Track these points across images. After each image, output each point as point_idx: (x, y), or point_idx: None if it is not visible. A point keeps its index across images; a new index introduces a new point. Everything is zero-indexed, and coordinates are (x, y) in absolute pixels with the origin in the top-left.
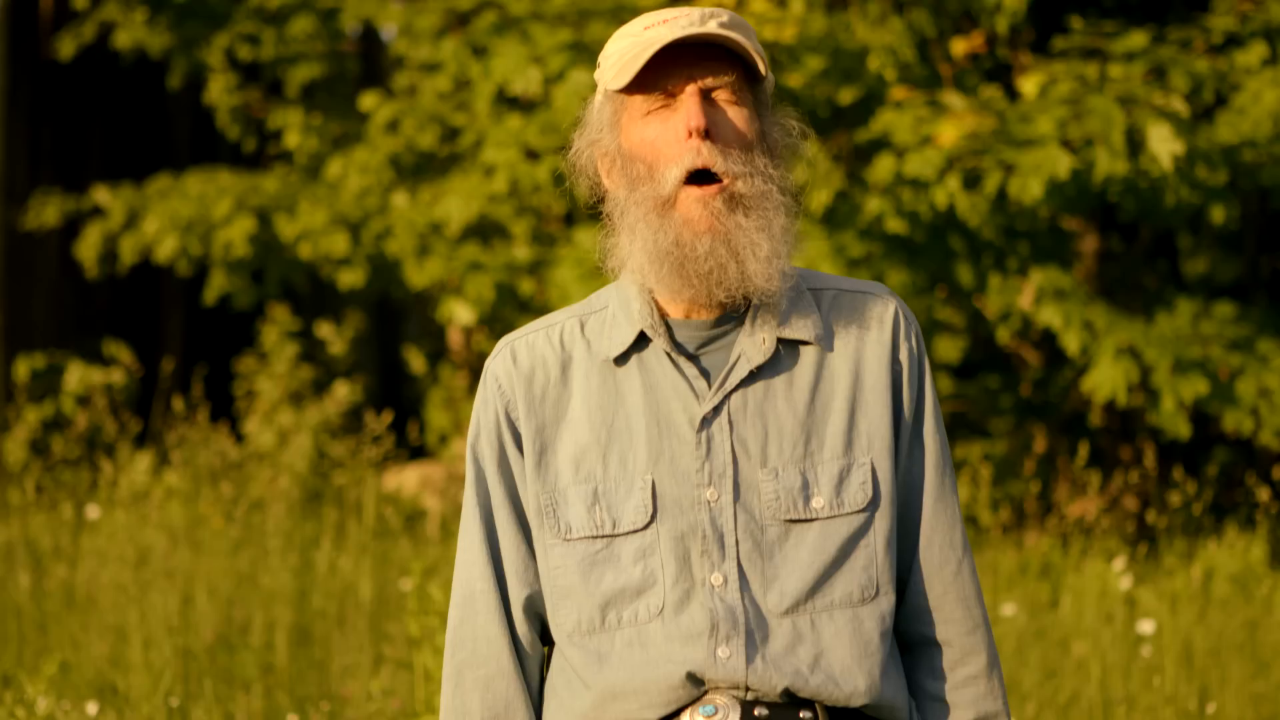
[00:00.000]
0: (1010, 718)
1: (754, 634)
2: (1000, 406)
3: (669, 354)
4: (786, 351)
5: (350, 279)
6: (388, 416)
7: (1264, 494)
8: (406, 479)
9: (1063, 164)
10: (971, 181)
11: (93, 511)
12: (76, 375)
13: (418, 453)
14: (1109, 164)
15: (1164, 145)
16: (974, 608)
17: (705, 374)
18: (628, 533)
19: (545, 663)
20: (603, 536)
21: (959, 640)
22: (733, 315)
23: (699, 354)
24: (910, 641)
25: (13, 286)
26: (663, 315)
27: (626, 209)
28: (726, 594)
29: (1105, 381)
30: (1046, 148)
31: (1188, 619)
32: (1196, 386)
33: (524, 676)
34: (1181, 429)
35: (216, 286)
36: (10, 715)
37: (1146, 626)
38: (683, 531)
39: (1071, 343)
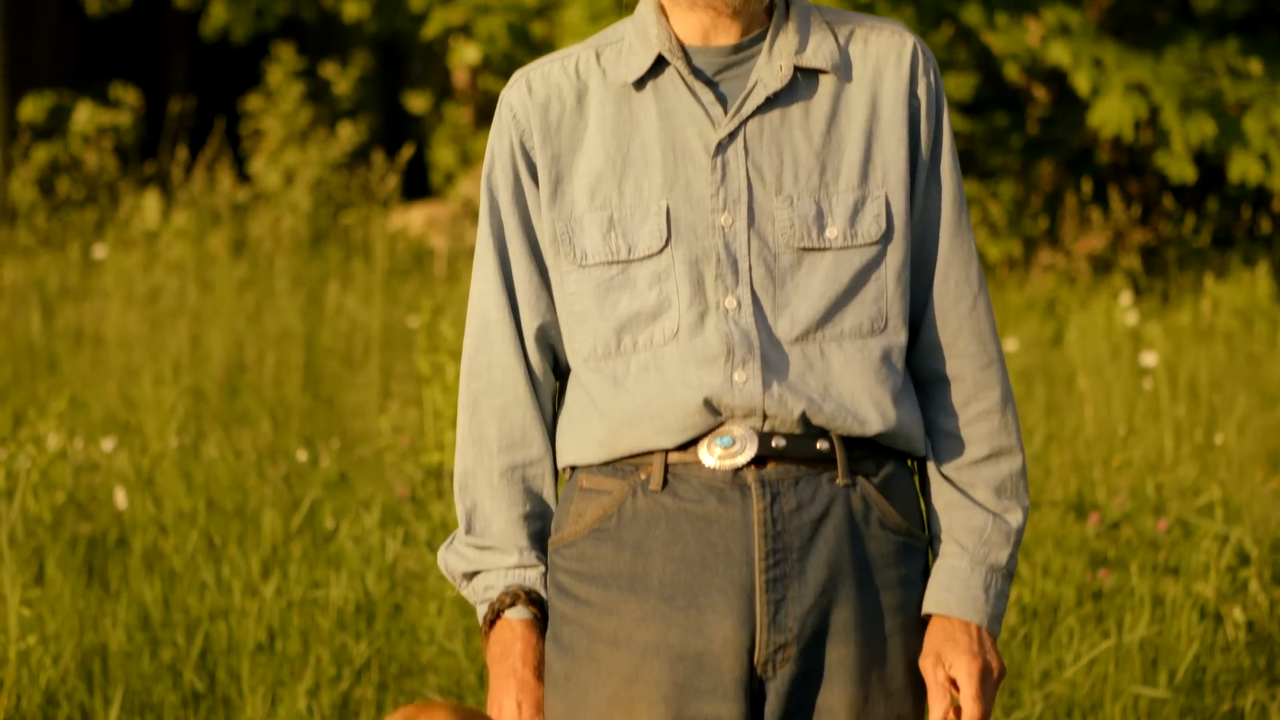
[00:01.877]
0: (1024, 453)
1: (769, 358)
2: (1008, 144)
3: (685, 79)
4: (804, 80)
5: (354, 10)
6: (400, 152)
7: (1266, 226)
8: (413, 219)
9: None
10: None
11: (100, 251)
12: (85, 115)
13: (423, 193)
14: None
15: None
16: (988, 343)
17: (722, 100)
18: (643, 258)
19: (558, 397)
20: (618, 262)
21: (972, 375)
22: (750, 43)
23: (716, 80)
24: (923, 379)
25: (13, 28)
26: (680, 42)
27: None
28: (740, 318)
29: (1112, 116)
30: None
31: (1192, 353)
32: (1204, 127)
33: (539, 405)
34: (1187, 173)
35: (215, 18)
36: (21, 451)
37: (1150, 360)
38: (697, 256)
39: (1081, 82)
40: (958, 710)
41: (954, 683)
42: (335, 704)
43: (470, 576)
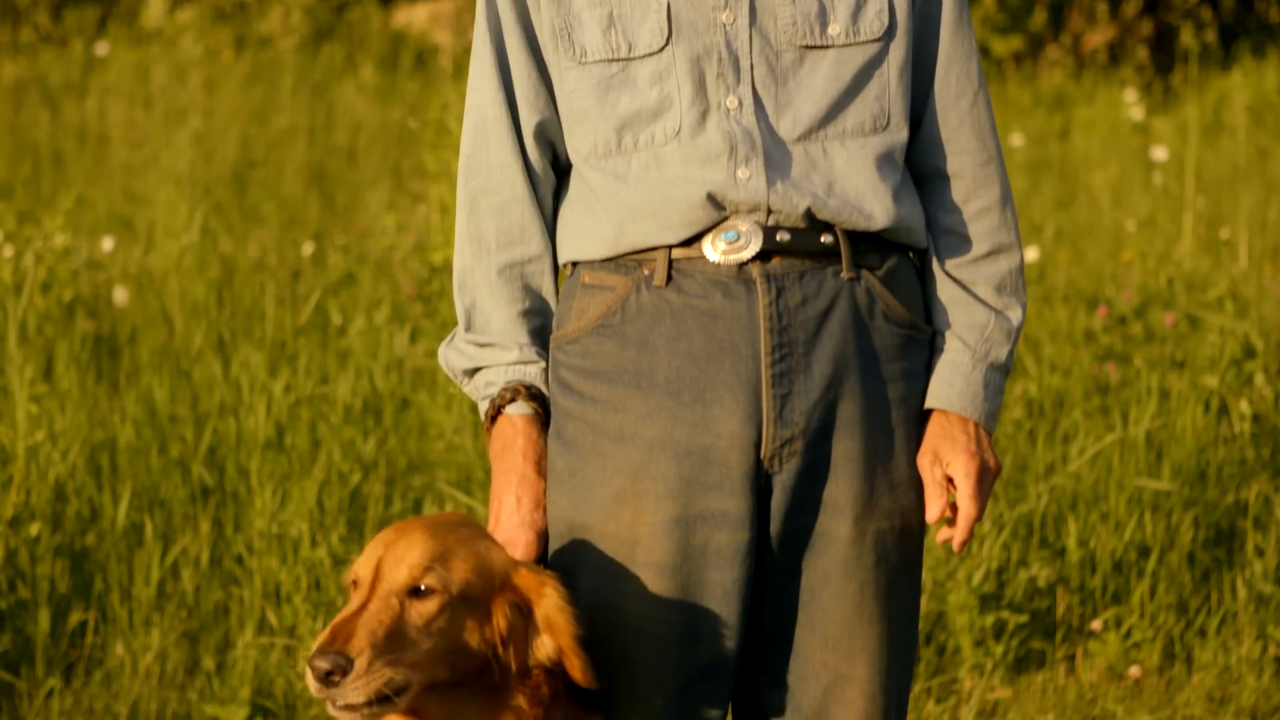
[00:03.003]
0: (1022, 250)
1: (771, 156)
2: None
3: None
4: None
5: None
6: None
7: (1275, 14)
8: (416, 15)
9: None
10: None
11: (102, 49)
12: None
13: None
14: None
15: None
16: (988, 140)
17: None
18: (643, 55)
19: (559, 192)
20: (618, 60)
21: (972, 172)
22: None
23: None
24: (923, 174)
25: None
26: None
27: None
28: (742, 117)
29: None
30: None
31: (1200, 147)
32: None
33: (538, 202)
34: None
35: None
36: (28, 249)
37: (1159, 154)
38: (698, 54)
39: None
40: (954, 508)
41: (950, 481)
42: (344, 499)
43: (471, 373)
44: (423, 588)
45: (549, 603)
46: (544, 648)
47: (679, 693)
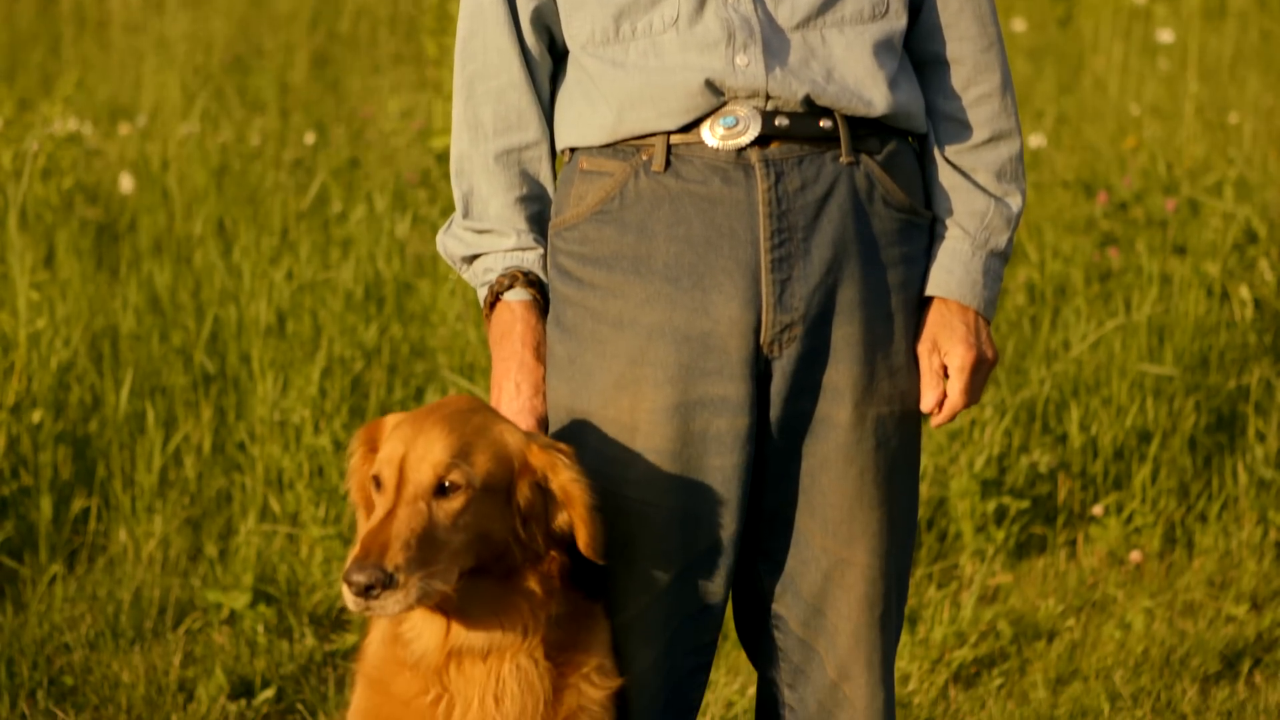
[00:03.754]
0: (1021, 137)
1: (770, 44)
2: None
3: None
4: None
5: None
6: None
7: None
8: None
9: None
10: None
11: None
12: None
13: None
14: None
15: None
16: (989, 25)
17: None
18: None
19: (556, 77)
20: None
21: (973, 58)
22: None
23: None
24: (923, 60)
25: None
26: None
27: None
28: (740, 5)
29: None
30: None
31: (1204, 31)
32: None
33: (535, 88)
34: None
35: None
36: (28, 134)
37: (1165, 37)
38: None
39: None
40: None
41: (946, 371)
42: (346, 386)
43: (469, 260)
44: (447, 485)
45: (565, 475)
46: (562, 517)
47: (679, 577)
